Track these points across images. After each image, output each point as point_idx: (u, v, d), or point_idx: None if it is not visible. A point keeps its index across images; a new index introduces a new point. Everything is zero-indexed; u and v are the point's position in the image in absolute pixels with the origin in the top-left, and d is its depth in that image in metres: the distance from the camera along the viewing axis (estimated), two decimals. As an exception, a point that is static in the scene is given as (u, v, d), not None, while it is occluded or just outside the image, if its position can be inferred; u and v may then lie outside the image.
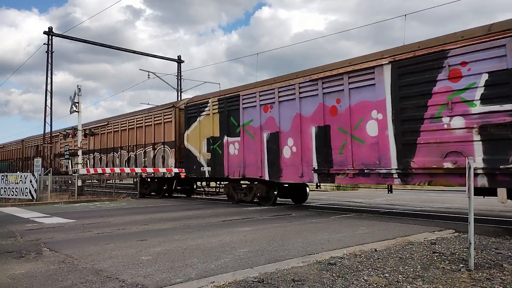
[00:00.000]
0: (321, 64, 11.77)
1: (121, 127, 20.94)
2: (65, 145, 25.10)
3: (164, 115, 17.82)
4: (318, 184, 12.95)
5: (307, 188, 14.47)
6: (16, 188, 16.74)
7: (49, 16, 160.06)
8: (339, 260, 5.20)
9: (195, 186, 19.89)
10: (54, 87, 26.36)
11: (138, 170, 18.41)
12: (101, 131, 22.45)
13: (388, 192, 14.66)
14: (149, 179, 19.55)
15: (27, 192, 16.31)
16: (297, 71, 12.42)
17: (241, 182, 14.54)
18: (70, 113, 19.26)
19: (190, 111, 16.07)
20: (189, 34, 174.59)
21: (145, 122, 19.03)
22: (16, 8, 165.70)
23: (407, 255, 5.46)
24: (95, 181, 22.97)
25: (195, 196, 19.70)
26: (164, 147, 17.56)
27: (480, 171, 7.87)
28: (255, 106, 13.21)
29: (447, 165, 8.43)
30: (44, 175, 20.68)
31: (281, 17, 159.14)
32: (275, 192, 13.42)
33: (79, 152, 19.37)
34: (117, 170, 19.09)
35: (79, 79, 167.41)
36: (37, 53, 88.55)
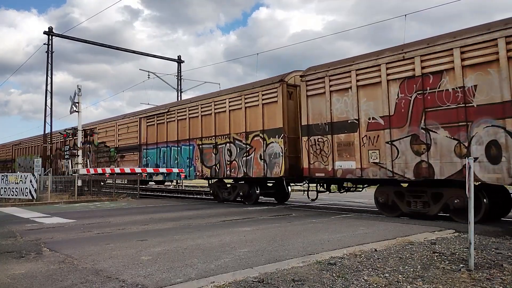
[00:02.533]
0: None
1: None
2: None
3: None
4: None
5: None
6: (16, 188, 16.73)
7: (48, 17, 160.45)
8: (339, 260, 5.20)
9: None
10: (54, 87, 26.35)
11: (138, 170, 18.40)
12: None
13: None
14: None
15: (27, 192, 16.29)
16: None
17: None
18: (70, 113, 19.31)
19: None
20: (188, 35, 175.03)
21: None
22: (15, 8, 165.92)
23: (407, 255, 5.46)
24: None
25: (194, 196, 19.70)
26: None
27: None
28: None
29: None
30: (44, 174, 20.70)
31: (278, 17, 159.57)
32: None
33: (79, 152, 19.37)
34: (117, 170, 19.08)
35: (78, 79, 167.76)
36: (37, 53, 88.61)
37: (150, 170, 17.95)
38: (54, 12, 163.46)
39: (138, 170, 18.44)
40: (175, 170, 16.66)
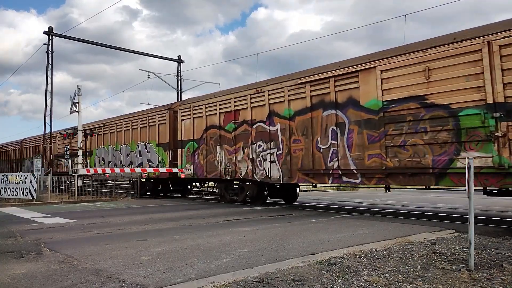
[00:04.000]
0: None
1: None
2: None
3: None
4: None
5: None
6: (16, 188, 16.74)
7: (47, 17, 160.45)
8: (339, 260, 5.20)
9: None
10: (53, 88, 26.32)
11: (138, 170, 18.42)
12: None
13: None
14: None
15: (27, 192, 16.30)
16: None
17: None
18: (70, 113, 19.28)
19: None
20: (187, 35, 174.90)
21: None
22: (15, 8, 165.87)
23: (407, 255, 5.46)
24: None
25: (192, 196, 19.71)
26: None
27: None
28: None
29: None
30: (44, 174, 20.68)
31: (277, 18, 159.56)
32: None
33: (79, 152, 19.38)
34: (117, 170, 19.08)
35: (78, 79, 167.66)
36: (36, 53, 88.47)
37: (150, 170, 17.95)
38: (53, 12, 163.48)
39: (138, 170, 18.46)
40: (175, 170, 16.62)
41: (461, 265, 4.85)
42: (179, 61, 32.74)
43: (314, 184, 12.77)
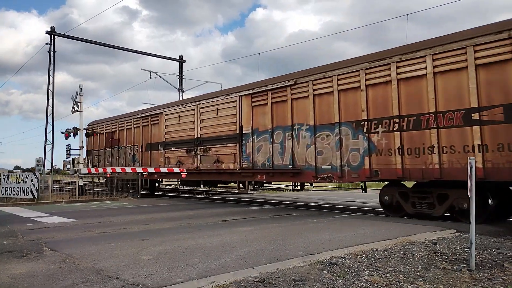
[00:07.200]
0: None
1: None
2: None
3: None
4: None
5: None
6: (18, 187, 16.75)
7: (48, 18, 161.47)
8: (340, 260, 5.20)
9: None
10: (54, 87, 26.29)
11: (139, 169, 18.42)
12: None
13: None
14: None
15: (28, 192, 16.31)
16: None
17: None
18: (72, 113, 19.30)
19: None
20: (186, 35, 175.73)
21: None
22: (16, 9, 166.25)
23: (408, 255, 5.45)
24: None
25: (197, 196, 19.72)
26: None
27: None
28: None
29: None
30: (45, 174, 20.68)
31: (275, 18, 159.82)
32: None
33: (80, 152, 19.40)
34: (118, 169, 19.09)
35: (78, 79, 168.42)
36: (36, 54, 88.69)
37: (151, 170, 17.96)
38: (54, 13, 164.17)
39: (139, 170, 18.47)
40: (176, 169, 16.64)
41: (462, 265, 4.84)
42: (181, 60, 32.77)
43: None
